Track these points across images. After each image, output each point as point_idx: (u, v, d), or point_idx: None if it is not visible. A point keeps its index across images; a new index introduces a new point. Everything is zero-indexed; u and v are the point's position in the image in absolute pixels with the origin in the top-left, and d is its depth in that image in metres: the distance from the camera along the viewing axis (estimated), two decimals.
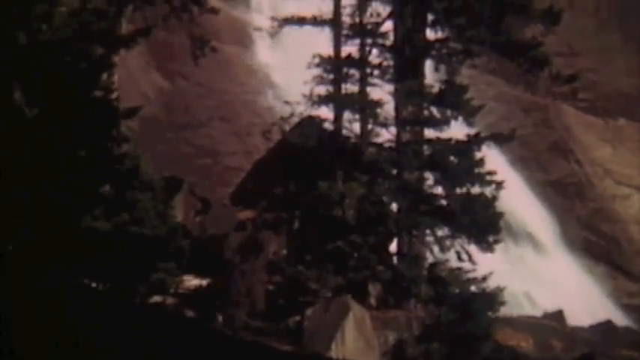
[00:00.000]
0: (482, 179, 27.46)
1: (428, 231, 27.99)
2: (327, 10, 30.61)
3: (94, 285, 21.97)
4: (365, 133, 29.55)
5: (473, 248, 27.69)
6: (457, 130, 28.68)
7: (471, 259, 27.45)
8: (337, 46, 30.16)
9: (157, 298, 24.38)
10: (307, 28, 30.99)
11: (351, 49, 30.03)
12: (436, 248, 27.82)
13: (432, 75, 30.12)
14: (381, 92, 29.55)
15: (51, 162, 19.13)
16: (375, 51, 29.62)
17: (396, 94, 28.84)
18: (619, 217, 46.70)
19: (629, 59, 48.83)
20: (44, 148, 19.04)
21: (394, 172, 28.68)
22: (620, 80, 48.50)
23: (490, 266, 27.45)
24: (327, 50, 30.26)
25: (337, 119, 29.81)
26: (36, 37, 19.33)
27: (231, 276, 26.56)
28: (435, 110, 28.21)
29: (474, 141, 27.94)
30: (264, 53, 44.72)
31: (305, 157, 28.56)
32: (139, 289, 23.00)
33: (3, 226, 18.72)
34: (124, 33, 28.11)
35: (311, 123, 29.29)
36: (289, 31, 31.37)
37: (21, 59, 19.10)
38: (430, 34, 29.35)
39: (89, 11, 20.99)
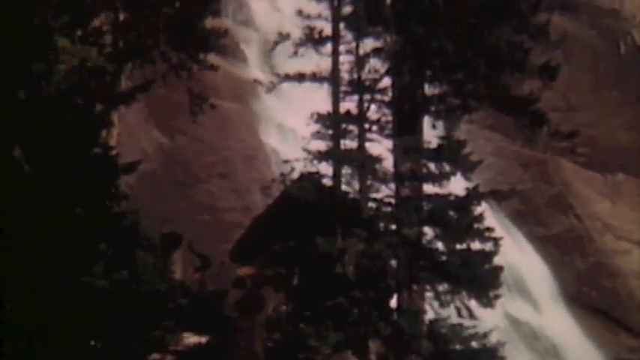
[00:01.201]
0: (481, 235, 27.46)
1: (428, 286, 27.90)
2: (325, 66, 30.81)
3: (92, 343, 21.85)
4: (364, 188, 29.55)
5: (473, 303, 27.59)
6: (456, 184, 28.71)
7: (471, 314, 27.35)
8: (336, 102, 30.28)
9: (155, 356, 24.23)
10: (306, 84, 31.15)
11: (349, 104, 30.16)
12: (436, 304, 27.71)
13: (430, 130, 30.19)
14: (380, 148, 29.62)
15: (49, 219, 19.11)
16: (373, 107, 29.72)
17: (394, 150, 28.90)
18: (619, 272, 46.58)
19: (626, 114, 49.06)
20: (43, 204, 19.04)
21: (393, 227, 28.64)
22: (618, 135, 48.68)
23: (489, 321, 27.34)
24: (326, 106, 30.40)
25: (336, 175, 29.83)
26: (36, 94, 19.42)
27: (230, 333, 26.40)
28: (433, 166, 28.25)
29: (474, 196, 27.96)
30: (263, 109, 44.91)
31: (304, 213, 28.53)
32: (138, 346, 22.87)
33: (1, 283, 18.65)
34: (124, 90, 28.33)
35: (310, 179, 29.30)
36: (288, 87, 31.55)
37: (20, 116, 19.16)
38: (428, 89, 29.49)
39: (88, 69, 21.11)
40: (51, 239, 19.07)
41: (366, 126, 29.66)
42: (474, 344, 26.70)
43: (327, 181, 29.81)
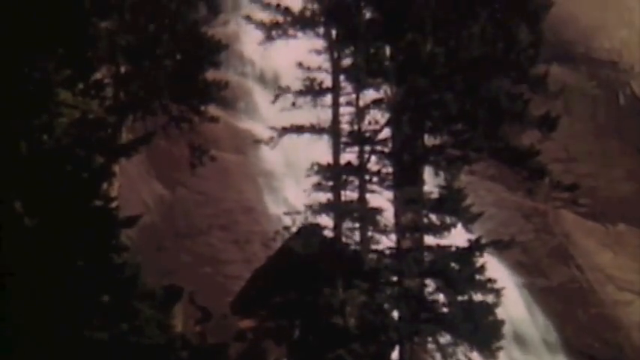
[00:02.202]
0: (483, 286, 27.38)
1: (430, 338, 27.76)
2: (325, 117, 30.92)
3: None
4: (365, 240, 29.52)
5: (475, 356, 27.43)
6: (458, 235, 28.67)
7: None
8: (336, 154, 30.36)
9: None
10: (306, 136, 31.24)
11: (350, 156, 30.24)
12: (438, 356, 27.55)
13: (431, 181, 30.21)
14: (381, 199, 29.62)
15: (50, 271, 19.05)
16: (373, 158, 29.79)
17: (395, 201, 28.91)
18: (622, 324, 46.29)
19: (627, 164, 49.03)
20: (43, 257, 18.98)
21: (395, 279, 28.58)
22: (618, 185, 48.63)
23: None
24: (326, 157, 30.45)
25: (337, 227, 29.82)
26: (37, 147, 19.45)
27: None
28: (434, 217, 28.25)
29: (475, 248, 27.91)
30: (264, 161, 44.94)
31: (305, 265, 28.48)
32: None
33: (1, 335, 18.55)
34: (125, 142, 28.38)
35: (311, 231, 29.29)
36: (289, 138, 31.62)
37: (22, 168, 19.18)
38: (428, 140, 29.56)
39: (90, 121, 21.17)
40: (51, 291, 18.99)
41: (367, 177, 29.71)
42: None
43: (327, 233, 29.80)
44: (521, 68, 28.13)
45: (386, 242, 29.27)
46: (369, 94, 30.11)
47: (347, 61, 30.39)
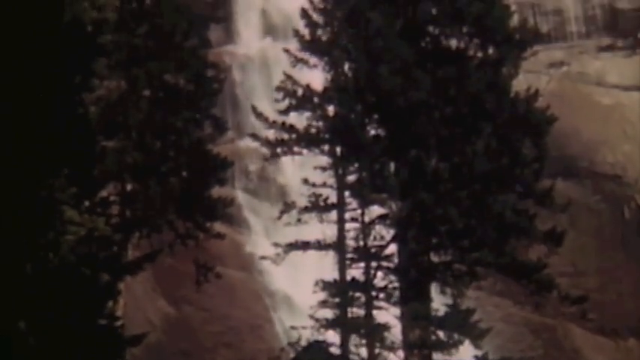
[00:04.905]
0: None
1: None
2: (331, 233, 30.93)
3: None
4: (372, 357, 29.20)
5: None
6: (466, 351, 28.35)
7: None
8: (342, 270, 30.29)
9: None
10: (312, 252, 31.22)
11: (355, 272, 30.12)
12: None
13: (438, 297, 30.02)
14: (388, 315, 29.40)
15: None
16: (380, 274, 29.66)
17: (402, 318, 28.66)
18: None
19: (634, 278, 48.77)
20: None
21: None
22: (626, 300, 48.29)
23: None
24: (332, 273, 30.35)
25: (344, 343, 29.55)
26: (42, 266, 19.38)
27: None
28: (442, 334, 27.96)
29: None
30: (270, 278, 44.79)
31: None
32: None
33: None
34: (130, 259, 28.35)
35: (318, 348, 29.00)
36: (294, 254, 31.59)
37: (27, 287, 19.08)
38: (435, 256, 29.44)
39: (96, 239, 21.14)
40: None
41: (373, 293, 29.54)
42: None
43: (334, 350, 29.49)
44: (526, 183, 28.19)
45: (394, 359, 28.94)
46: (375, 210, 30.16)
47: (352, 178, 30.55)
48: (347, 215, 30.93)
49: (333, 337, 29.70)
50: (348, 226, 30.82)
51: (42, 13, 19.42)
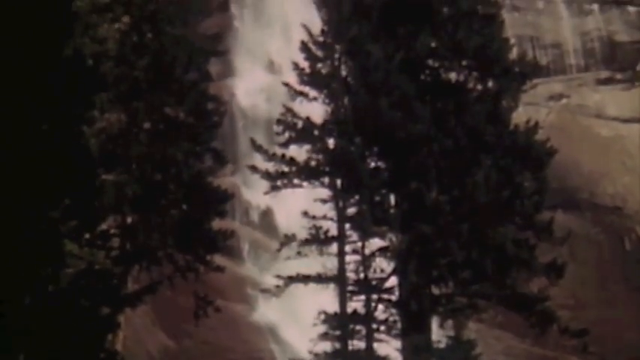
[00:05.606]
0: None
1: None
2: (331, 266, 30.89)
3: None
4: None
5: None
6: None
7: None
8: (342, 302, 30.22)
9: None
10: (312, 285, 31.15)
11: (356, 304, 30.05)
12: None
13: (439, 330, 29.94)
14: (389, 348, 29.30)
15: None
16: (380, 306, 29.59)
17: (403, 350, 28.54)
18: None
19: (635, 311, 48.65)
20: None
21: None
22: (627, 332, 48.15)
23: None
24: (333, 306, 30.28)
25: None
26: (42, 299, 19.35)
27: None
28: None
29: None
30: (270, 311, 44.68)
31: None
32: None
33: None
34: (130, 292, 28.28)
35: None
36: (295, 287, 31.51)
37: (26, 320, 19.03)
38: (435, 289, 29.38)
39: (95, 272, 21.13)
40: None
41: (374, 326, 29.47)
42: None
43: None
44: (526, 215, 28.18)
45: None
46: (375, 243, 30.12)
47: (352, 210, 30.52)
48: (347, 248, 30.90)
49: None
50: (348, 258, 30.79)
51: (43, 46, 19.51)
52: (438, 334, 29.51)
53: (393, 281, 29.61)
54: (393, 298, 29.45)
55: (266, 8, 55.12)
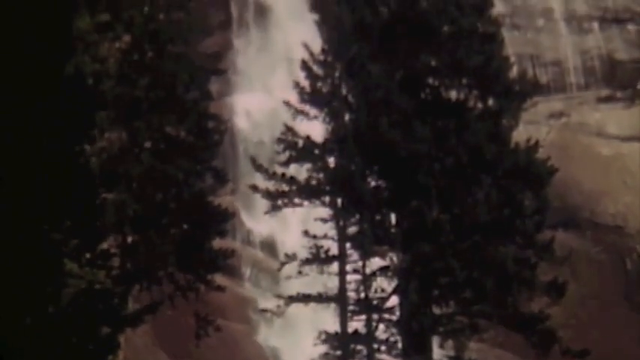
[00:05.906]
0: None
1: None
2: (332, 285, 30.84)
3: None
4: None
5: None
6: None
7: None
8: (343, 322, 30.15)
9: None
10: (313, 305, 31.10)
11: (357, 324, 29.99)
12: None
13: (439, 350, 29.86)
14: None
15: None
16: (381, 326, 29.53)
17: None
18: None
19: (636, 330, 48.54)
20: None
21: None
22: (629, 352, 48.00)
23: None
24: (334, 325, 30.22)
25: None
26: (42, 319, 19.29)
27: None
28: None
29: None
30: (272, 334, 44.62)
31: None
32: None
33: None
34: (131, 312, 28.20)
35: None
36: (295, 307, 31.47)
37: (26, 340, 18.98)
38: (436, 308, 29.32)
39: (96, 291, 21.07)
40: None
41: (375, 346, 29.40)
42: None
43: None
44: (527, 234, 28.14)
45: None
46: (376, 262, 30.08)
47: (353, 229, 30.50)
48: (348, 267, 30.88)
49: None
50: (349, 277, 30.75)
51: (44, 65, 19.52)
52: (439, 354, 29.44)
53: (393, 301, 29.57)
54: (394, 317, 29.41)
55: (267, 28, 55.25)
